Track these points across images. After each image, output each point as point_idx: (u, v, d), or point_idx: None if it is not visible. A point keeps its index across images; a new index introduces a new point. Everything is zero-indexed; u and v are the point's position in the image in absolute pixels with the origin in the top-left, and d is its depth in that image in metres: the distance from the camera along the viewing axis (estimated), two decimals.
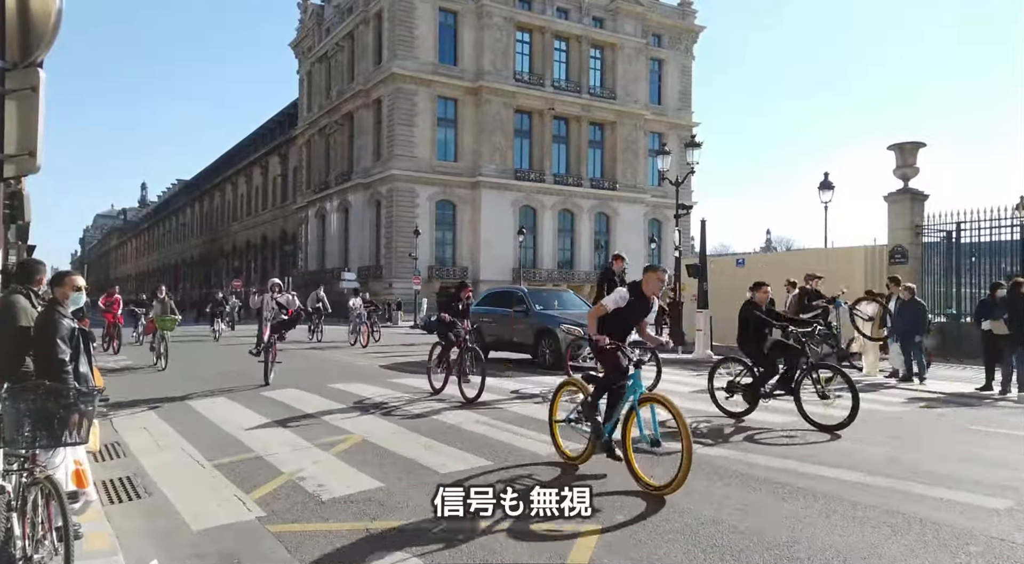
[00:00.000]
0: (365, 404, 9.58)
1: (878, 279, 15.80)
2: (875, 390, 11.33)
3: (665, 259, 54.42)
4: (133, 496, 5.37)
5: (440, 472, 5.90)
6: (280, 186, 69.22)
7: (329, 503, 5.12)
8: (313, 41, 61.31)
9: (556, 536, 4.35)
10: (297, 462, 6.31)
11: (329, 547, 4.24)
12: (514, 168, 50.72)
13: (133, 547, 4.23)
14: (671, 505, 5.01)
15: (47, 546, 3.40)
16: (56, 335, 4.04)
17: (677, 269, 21.19)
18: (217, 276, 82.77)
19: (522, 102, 50.64)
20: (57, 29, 3.44)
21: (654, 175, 53.84)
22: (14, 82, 3.36)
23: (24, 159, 3.37)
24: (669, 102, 58.57)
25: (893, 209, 17.51)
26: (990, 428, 8.22)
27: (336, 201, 55.24)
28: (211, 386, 11.38)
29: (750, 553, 4.12)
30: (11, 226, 12.55)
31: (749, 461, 6.33)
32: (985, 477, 5.86)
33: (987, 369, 11.12)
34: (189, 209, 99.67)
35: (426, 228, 46.81)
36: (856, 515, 4.82)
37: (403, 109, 47.64)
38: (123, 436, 7.49)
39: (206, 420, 8.49)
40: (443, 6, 49.06)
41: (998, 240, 15.97)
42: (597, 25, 53.95)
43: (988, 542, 4.32)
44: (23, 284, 4.45)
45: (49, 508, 3.38)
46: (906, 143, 17.37)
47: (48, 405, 3.31)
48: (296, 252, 63.15)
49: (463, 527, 4.56)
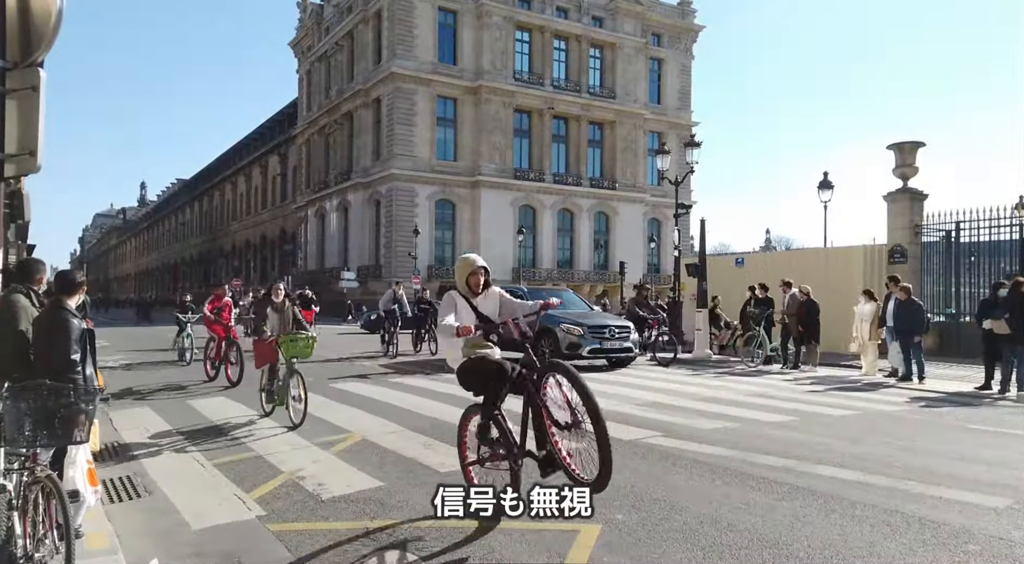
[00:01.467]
0: (365, 403, 9.60)
1: (877, 279, 15.81)
2: (874, 389, 11.35)
3: (665, 258, 54.55)
4: (133, 495, 5.37)
5: (440, 471, 5.90)
6: (279, 185, 69.21)
7: (329, 502, 5.12)
8: (312, 40, 61.28)
9: (556, 535, 4.35)
10: (297, 461, 6.32)
11: (329, 546, 4.24)
12: (513, 167, 50.72)
13: (133, 546, 4.23)
14: (671, 504, 5.02)
15: (48, 545, 3.40)
16: (70, 336, 4.07)
17: (677, 268, 21.21)
18: (216, 275, 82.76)
19: (521, 101, 50.63)
20: (57, 29, 3.45)
21: (653, 174, 53.84)
22: (15, 82, 3.37)
23: (25, 158, 3.38)
24: (669, 102, 58.57)
25: (892, 208, 17.52)
26: (989, 427, 8.23)
27: (336, 200, 55.23)
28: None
29: (749, 552, 4.12)
30: (11, 225, 12.56)
31: (748, 460, 6.34)
32: (984, 476, 5.87)
33: (986, 368, 11.14)
34: (188, 208, 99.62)
35: (425, 228, 46.82)
36: (855, 514, 4.82)
37: (402, 108, 47.62)
38: (123, 435, 7.50)
39: (206, 419, 8.49)
40: (442, 5, 49.03)
41: (997, 240, 15.98)
42: (597, 24, 53.93)
43: (987, 541, 4.33)
44: (23, 283, 4.45)
45: (50, 507, 3.39)
46: (905, 143, 17.38)
47: (49, 404, 3.32)
48: (296, 251, 63.12)
49: (463, 526, 4.57)
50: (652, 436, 7.43)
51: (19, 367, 4.01)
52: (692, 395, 10.59)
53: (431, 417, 8.44)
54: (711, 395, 10.62)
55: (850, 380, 12.78)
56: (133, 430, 7.78)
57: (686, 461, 6.34)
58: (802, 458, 6.44)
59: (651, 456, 6.55)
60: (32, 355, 4.13)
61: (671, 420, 8.42)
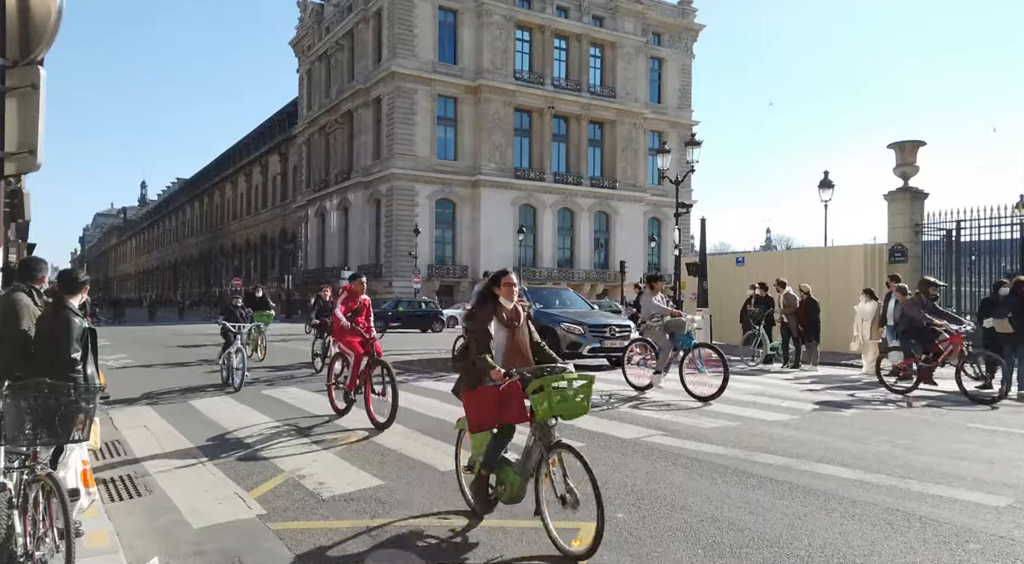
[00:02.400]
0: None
1: (878, 278, 15.80)
2: (875, 388, 11.33)
3: (665, 258, 54.52)
4: (134, 494, 5.37)
5: (441, 470, 5.90)
6: (280, 185, 69.24)
7: (329, 501, 5.12)
8: (313, 40, 61.27)
9: (557, 533, 4.35)
10: (297, 460, 6.32)
11: (329, 545, 4.24)
12: (514, 167, 50.73)
13: (134, 545, 4.23)
14: (671, 503, 5.02)
15: (48, 543, 3.40)
16: (72, 335, 4.09)
17: (677, 268, 21.20)
18: (217, 275, 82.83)
19: (522, 101, 50.63)
20: (57, 27, 3.45)
21: (654, 174, 53.87)
22: (14, 80, 3.37)
23: (24, 157, 3.38)
24: (669, 101, 58.56)
25: (893, 207, 17.50)
26: (990, 426, 8.22)
27: (336, 200, 55.23)
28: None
29: (750, 550, 4.12)
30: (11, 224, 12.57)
31: (749, 459, 6.34)
32: (984, 475, 5.87)
33: (988, 368, 11.11)
34: (189, 208, 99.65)
35: (426, 227, 46.82)
36: (855, 513, 4.82)
37: (403, 108, 47.61)
38: (124, 434, 7.50)
39: (206, 418, 8.49)
40: (443, 5, 49.03)
41: (998, 239, 15.96)
42: (597, 24, 53.92)
43: (988, 540, 4.32)
44: (25, 282, 4.46)
45: (50, 505, 3.38)
46: (906, 141, 17.35)
47: (49, 403, 3.32)
48: (296, 251, 63.17)
49: (464, 525, 4.57)
50: (652, 435, 7.43)
51: (20, 365, 4.02)
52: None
53: (433, 417, 8.43)
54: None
55: (851, 379, 12.77)
56: (134, 429, 7.78)
57: (686, 460, 6.33)
58: (802, 457, 6.44)
59: (652, 455, 6.55)
60: (33, 353, 4.14)
61: (671, 419, 8.42)
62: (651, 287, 11.16)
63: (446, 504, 5.01)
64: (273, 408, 9.14)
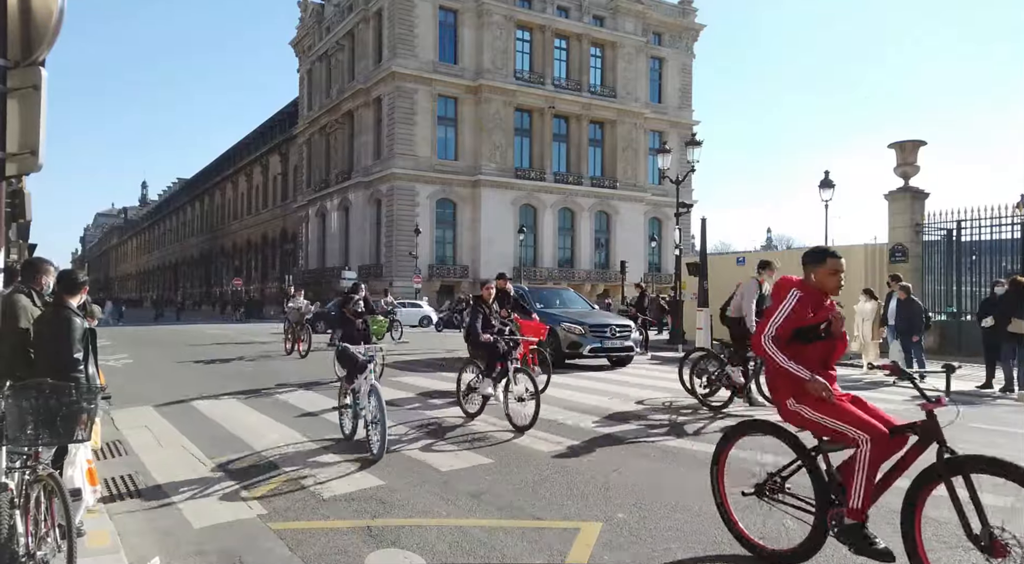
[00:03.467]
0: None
1: (879, 277, 15.80)
2: (874, 389, 11.33)
3: (666, 257, 54.53)
4: (135, 493, 5.38)
5: (441, 470, 5.91)
6: (280, 185, 69.26)
7: (330, 501, 5.13)
8: (313, 40, 61.30)
9: (557, 533, 4.35)
10: (298, 460, 6.33)
11: (330, 545, 4.24)
12: (514, 167, 50.73)
13: (135, 545, 4.24)
14: (672, 503, 5.02)
15: (50, 543, 3.40)
16: (72, 335, 4.10)
17: (678, 267, 21.20)
18: (217, 275, 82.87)
19: (522, 101, 50.63)
20: (59, 28, 3.45)
21: (654, 174, 53.84)
22: (16, 81, 3.36)
23: (26, 157, 3.37)
24: (669, 101, 58.55)
25: (893, 207, 17.51)
26: (990, 426, 8.22)
27: (336, 200, 55.25)
28: None
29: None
30: (12, 224, 12.58)
31: None
32: None
33: (988, 367, 11.12)
34: (189, 208, 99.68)
35: (426, 227, 46.83)
36: None
37: (403, 108, 47.62)
38: (125, 434, 7.51)
39: (207, 418, 8.50)
40: (443, 4, 49.03)
41: (999, 238, 15.97)
42: (597, 23, 53.91)
43: None
44: (26, 283, 4.47)
45: (52, 505, 3.39)
46: (906, 141, 17.37)
47: (51, 403, 3.32)
48: (296, 251, 63.20)
49: (464, 525, 4.58)
50: (653, 434, 7.43)
51: (21, 366, 4.03)
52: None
53: (434, 416, 8.44)
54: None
55: (851, 379, 12.76)
56: (135, 429, 7.79)
57: (687, 459, 6.34)
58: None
59: (652, 454, 6.56)
60: (34, 354, 4.15)
61: (672, 418, 8.42)
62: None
63: (447, 504, 5.02)
64: (273, 408, 9.15)
